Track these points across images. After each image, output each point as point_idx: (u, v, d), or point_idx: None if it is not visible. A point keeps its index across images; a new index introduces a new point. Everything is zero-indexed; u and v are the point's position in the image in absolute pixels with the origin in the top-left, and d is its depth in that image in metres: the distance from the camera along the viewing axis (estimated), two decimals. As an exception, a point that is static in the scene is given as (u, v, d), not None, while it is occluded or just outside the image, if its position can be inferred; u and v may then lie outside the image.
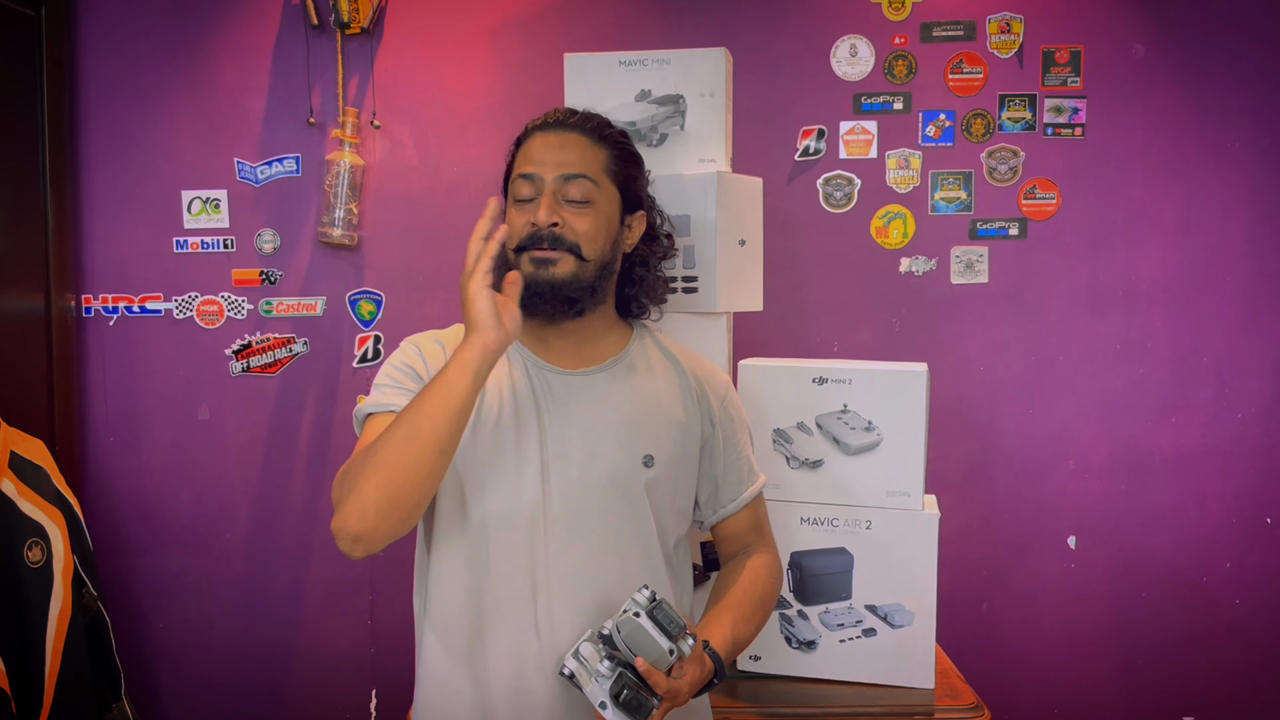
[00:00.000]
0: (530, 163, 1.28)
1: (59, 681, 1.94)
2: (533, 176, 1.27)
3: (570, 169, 1.27)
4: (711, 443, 1.37)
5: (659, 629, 1.12)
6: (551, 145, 1.28)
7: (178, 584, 2.58)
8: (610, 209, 1.30)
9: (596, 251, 1.27)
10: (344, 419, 2.56)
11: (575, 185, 1.26)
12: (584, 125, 1.31)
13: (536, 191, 1.26)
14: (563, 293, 1.25)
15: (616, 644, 1.13)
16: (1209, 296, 2.52)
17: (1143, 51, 2.49)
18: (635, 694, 1.12)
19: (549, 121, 1.32)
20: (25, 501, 1.95)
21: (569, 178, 1.26)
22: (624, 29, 2.50)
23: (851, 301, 2.54)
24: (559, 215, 1.25)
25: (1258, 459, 2.53)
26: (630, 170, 1.34)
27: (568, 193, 1.26)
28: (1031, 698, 2.58)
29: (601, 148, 1.30)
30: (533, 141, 1.30)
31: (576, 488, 1.25)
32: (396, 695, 2.60)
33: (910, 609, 1.63)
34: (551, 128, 1.31)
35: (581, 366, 1.31)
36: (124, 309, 2.53)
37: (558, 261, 1.24)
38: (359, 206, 2.49)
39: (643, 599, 1.14)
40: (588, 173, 1.27)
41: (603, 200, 1.29)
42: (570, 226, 1.25)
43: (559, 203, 1.26)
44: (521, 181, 1.28)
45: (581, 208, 1.27)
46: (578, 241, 1.25)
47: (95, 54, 2.50)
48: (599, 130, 1.31)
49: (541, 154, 1.28)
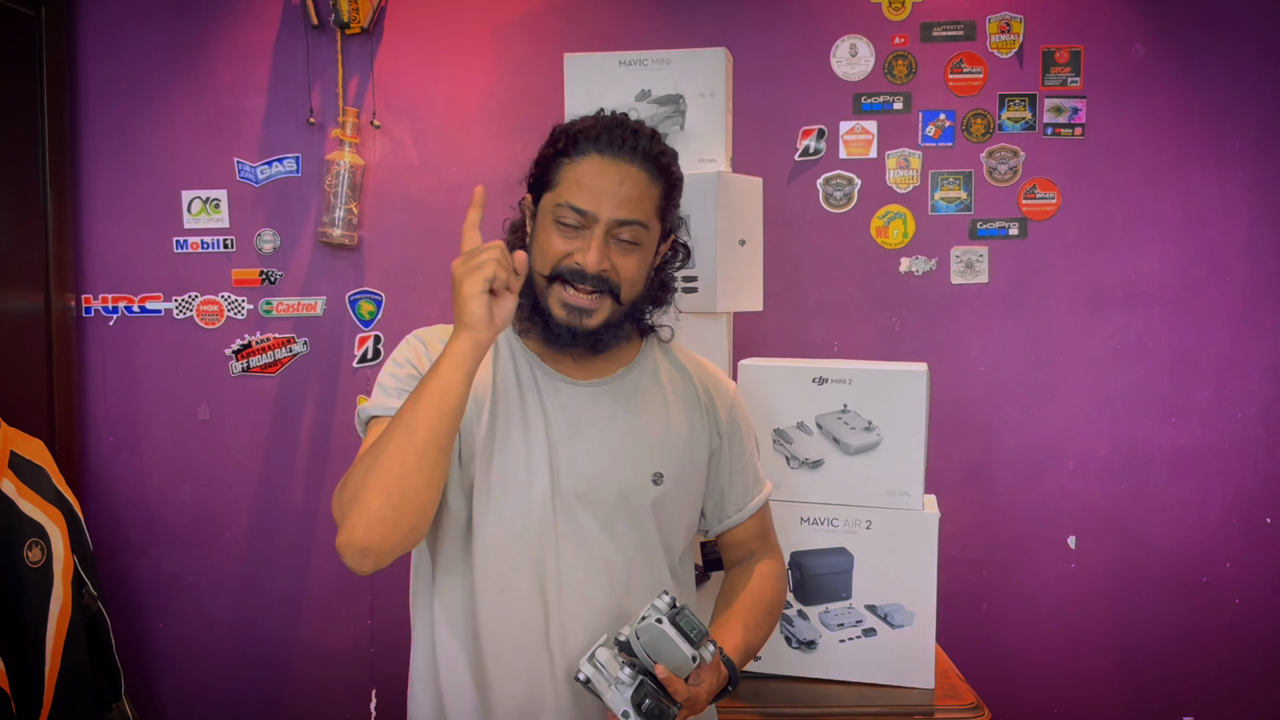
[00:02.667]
0: (584, 194, 1.19)
1: (59, 681, 1.94)
2: (586, 214, 1.20)
3: (627, 213, 1.20)
4: (719, 454, 1.36)
5: (682, 635, 1.10)
6: (611, 178, 1.20)
7: (178, 584, 2.58)
8: (652, 245, 1.27)
9: (634, 293, 1.25)
10: (344, 419, 2.56)
11: (629, 230, 1.21)
12: (645, 157, 1.22)
13: (586, 225, 1.20)
14: (591, 339, 1.23)
15: (635, 650, 1.11)
16: (1209, 296, 2.52)
17: (1143, 51, 2.49)
18: (657, 702, 1.10)
19: (608, 144, 1.21)
20: (25, 501, 1.95)
21: (624, 223, 1.20)
22: (624, 29, 2.50)
23: (851, 301, 2.54)
24: (608, 260, 1.20)
25: (1258, 459, 2.53)
26: (677, 199, 1.29)
27: (620, 235, 1.21)
28: (1031, 698, 2.58)
29: (657, 184, 1.24)
30: (589, 164, 1.21)
31: (586, 504, 1.24)
32: (397, 695, 2.58)
33: (910, 609, 1.63)
34: (611, 155, 1.21)
35: (592, 377, 1.29)
36: (124, 309, 2.53)
37: (594, 312, 1.21)
38: (359, 206, 2.49)
39: (664, 605, 1.11)
40: (642, 218, 1.22)
41: (648, 241, 1.25)
42: (616, 269, 1.21)
43: (608, 244, 1.20)
44: (570, 212, 1.20)
45: (629, 249, 1.22)
46: (620, 284, 1.22)
47: (95, 54, 2.50)
48: (657, 162, 1.24)
49: (598, 185, 1.19)
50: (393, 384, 1.24)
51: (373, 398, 1.25)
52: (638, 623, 1.12)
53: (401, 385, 1.23)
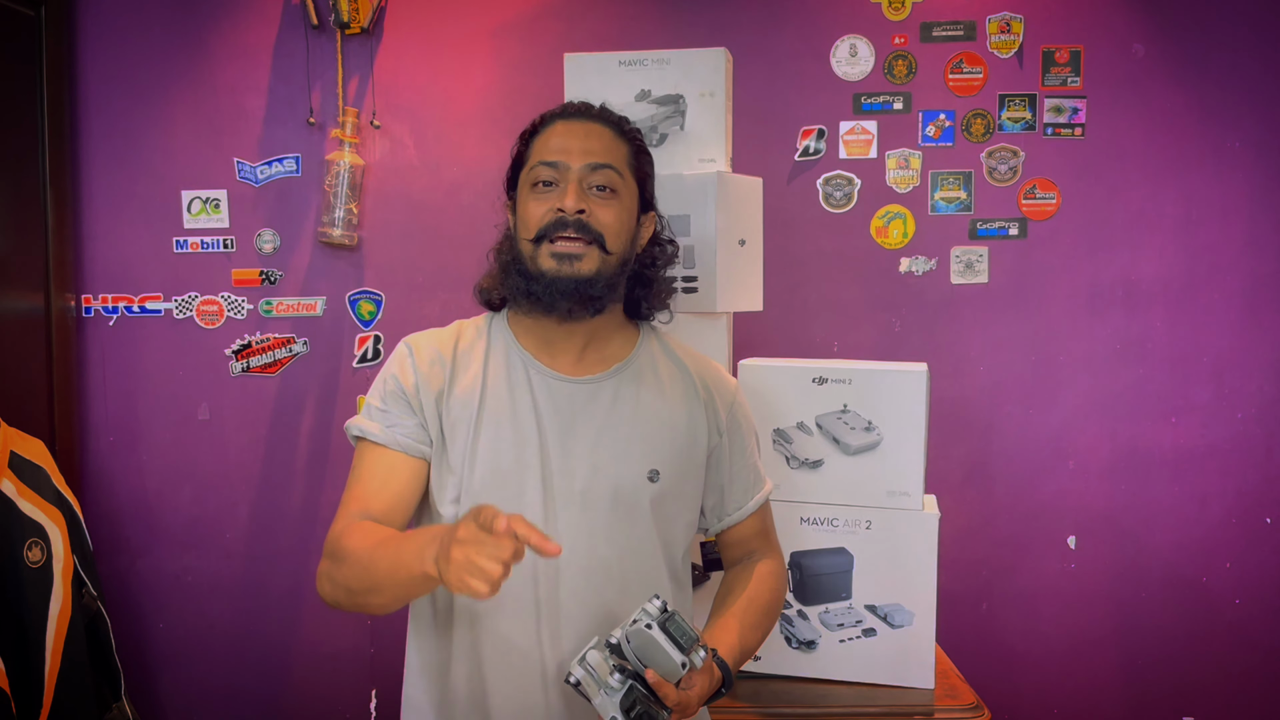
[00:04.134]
0: (553, 150, 1.24)
1: (59, 681, 1.94)
2: (557, 164, 1.23)
3: (597, 158, 1.24)
4: (718, 451, 1.35)
5: (671, 641, 1.09)
6: (576, 134, 1.25)
7: (178, 584, 2.58)
8: (631, 203, 1.28)
9: (620, 245, 1.25)
10: (344, 419, 2.52)
11: (601, 174, 1.23)
12: (606, 117, 1.29)
13: (560, 178, 1.23)
14: (587, 290, 1.22)
15: (625, 654, 1.10)
16: (1209, 296, 2.52)
17: (1143, 51, 2.49)
18: (646, 707, 1.08)
19: (572, 111, 1.29)
20: (25, 501, 1.95)
21: (596, 167, 1.23)
22: (624, 29, 2.50)
23: (851, 301, 2.54)
24: (586, 203, 1.22)
25: (1258, 459, 2.53)
26: (646, 168, 1.32)
27: (593, 181, 1.23)
28: (1031, 698, 2.58)
29: (623, 142, 1.28)
30: (553, 130, 1.27)
31: (580, 503, 1.23)
32: (396, 695, 2.59)
33: (910, 609, 1.63)
34: (575, 117, 1.28)
35: (587, 373, 1.28)
36: (124, 309, 2.53)
37: (583, 257, 1.21)
38: (359, 206, 2.49)
39: (654, 609, 1.10)
40: (614, 163, 1.25)
41: (625, 193, 1.26)
42: (596, 216, 1.22)
43: (585, 191, 1.23)
44: (543, 168, 1.24)
45: (607, 197, 1.24)
46: (603, 232, 1.22)
47: (95, 54, 2.50)
48: (620, 124, 1.30)
49: (565, 141, 1.25)
50: (379, 405, 1.27)
51: (361, 415, 1.28)
52: (629, 625, 1.11)
53: (385, 410, 1.26)
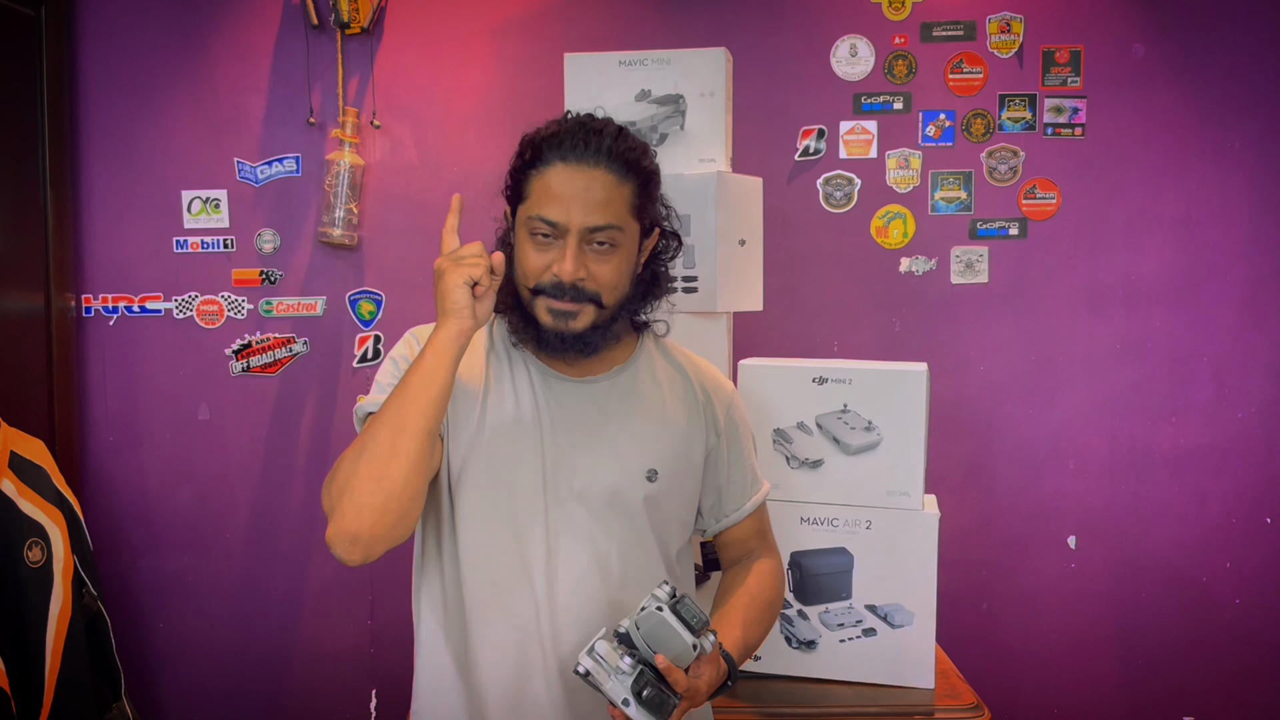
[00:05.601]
0: (552, 203, 1.19)
1: (59, 681, 1.94)
2: (557, 225, 1.19)
3: (597, 218, 1.19)
4: (716, 453, 1.36)
5: (683, 623, 1.11)
6: (577, 185, 1.19)
7: (178, 584, 2.58)
8: (632, 246, 1.26)
9: (617, 297, 1.25)
10: (344, 419, 2.56)
11: (601, 234, 1.20)
12: (610, 157, 1.21)
13: (559, 235, 1.20)
14: (582, 341, 1.24)
15: (635, 641, 1.12)
16: (1209, 296, 2.52)
17: (1143, 51, 2.49)
18: (658, 691, 1.10)
19: (570, 149, 1.21)
20: (25, 501, 1.95)
21: (596, 229, 1.20)
22: (624, 29, 2.50)
23: (851, 301, 2.54)
24: (585, 268, 1.20)
25: (1258, 459, 2.53)
26: (652, 195, 1.28)
27: (592, 240, 1.20)
28: (1031, 698, 2.58)
29: (626, 182, 1.22)
30: (553, 174, 1.20)
31: (579, 501, 1.25)
32: (396, 695, 2.60)
33: (910, 609, 1.63)
34: (575, 162, 1.20)
35: (588, 374, 1.30)
36: (124, 309, 2.53)
37: (578, 314, 1.22)
38: (359, 206, 2.49)
39: (664, 594, 1.12)
40: (614, 220, 1.21)
41: (626, 241, 1.23)
42: (593, 276, 1.21)
43: (583, 251, 1.20)
44: (542, 224, 1.20)
45: (606, 253, 1.21)
46: (600, 291, 1.22)
47: (95, 54, 2.50)
48: (624, 159, 1.22)
49: (565, 193, 1.19)
50: (389, 381, 1.25)
51: (370, 395, 1.27)
52: (638, 613, 1.12)
53: (396, 383, 1.23)
